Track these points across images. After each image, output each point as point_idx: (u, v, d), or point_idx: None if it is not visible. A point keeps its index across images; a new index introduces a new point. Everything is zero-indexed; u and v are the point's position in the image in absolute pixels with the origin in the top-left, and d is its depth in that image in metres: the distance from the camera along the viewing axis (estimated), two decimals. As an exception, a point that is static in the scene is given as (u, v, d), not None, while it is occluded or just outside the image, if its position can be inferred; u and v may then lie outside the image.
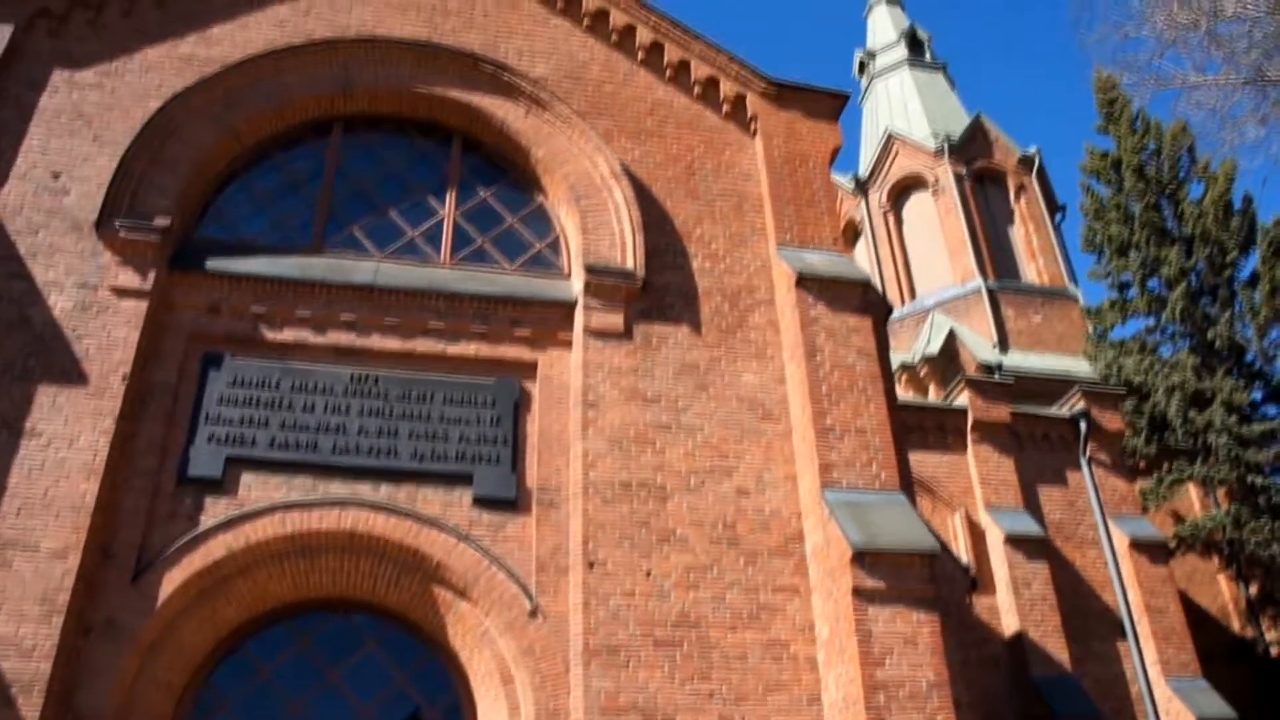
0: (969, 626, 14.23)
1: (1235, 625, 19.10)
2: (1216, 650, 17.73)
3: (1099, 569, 15.55)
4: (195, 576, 7.91)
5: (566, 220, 10.33)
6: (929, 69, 31.53)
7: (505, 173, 10.77)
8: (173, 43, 10.31)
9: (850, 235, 28.24)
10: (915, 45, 32.31)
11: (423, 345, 9.26)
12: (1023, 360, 22.46)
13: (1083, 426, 16.53)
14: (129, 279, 8.77)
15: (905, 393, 21.78)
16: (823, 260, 9.97)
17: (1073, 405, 16.98)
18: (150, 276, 8.82)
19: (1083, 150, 24.18)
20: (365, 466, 8.58)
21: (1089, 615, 15.09)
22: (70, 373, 8.27)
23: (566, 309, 9.62)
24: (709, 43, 11.44)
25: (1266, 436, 19.09)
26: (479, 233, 10.33)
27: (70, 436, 7.99)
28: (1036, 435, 16.67)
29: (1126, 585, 15.28)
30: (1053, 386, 20.07)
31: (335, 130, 10.63)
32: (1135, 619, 14.99)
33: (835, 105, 11.48)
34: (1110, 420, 16.87)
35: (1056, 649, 14.27)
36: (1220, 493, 19.59)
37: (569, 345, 9.47)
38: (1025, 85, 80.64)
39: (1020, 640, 14.24)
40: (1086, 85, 24.24)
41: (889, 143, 27.87)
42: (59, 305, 8.58)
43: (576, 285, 9.75)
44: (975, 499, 15.63)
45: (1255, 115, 8.66)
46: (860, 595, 7.79)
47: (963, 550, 15.27)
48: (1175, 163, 22.72)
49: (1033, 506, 15.78)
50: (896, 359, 21.65)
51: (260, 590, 8.25)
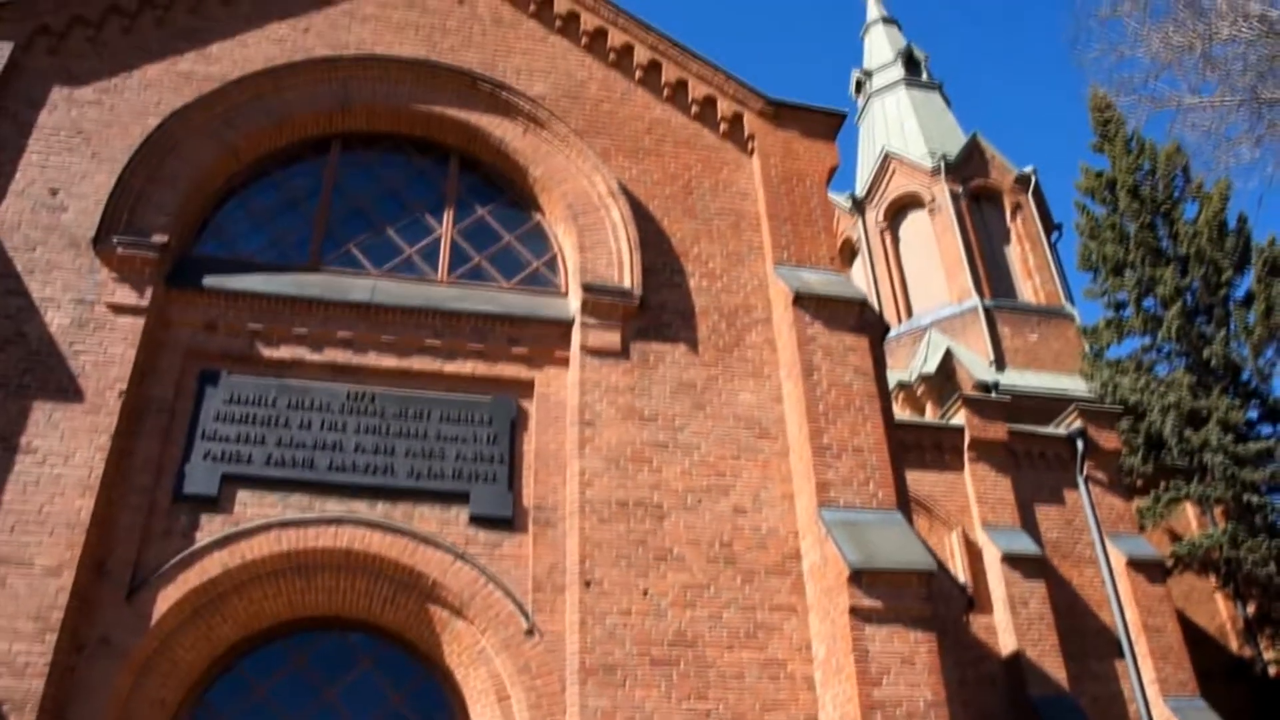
0: (966, 645, 14.20)
1: (1233, 644, 19.05)
2: (1214, 669, 17.68)
3: (1096, 588, 15.53)
4: (190, 594, 7.86)
5: (564, 238, 10.35)
6: (926, 88, 31.68)
7: (503, 191, 10.79)
8: (172, 60, 10.34)
9: (847, 254, 28.31)
10: (912, 65, 32.47)
11: (420, 363, 9.26)
12: (1019, 379, 22.49)
13: (1079, 445, 16.55)
14: (126, 295, 8.76)
15: (902, 411, 21.79)
16: (820, 279, 9.99)
17: (1069, 424, 17.00)
18: (147, 293, 8.81)
19: (1078, 170, 24.24)
20: (362, 484, 8.56)
21: (1086, 634, 15.06)
22: (66, 389, 8.25)
23: (564, 327, 9.62)
24: (707, 62, 11.49)
25: (1262, 455, 19.10)
26: (476, 250, 10.34)
27: (66, 453, 7.97)
28: (1033, 454, 16.68)
29: (1124, 604, 15.26)
30: (1049, 405, 20.09)
31: (333, 148, 10.66)
32: (1133, 638, 14.96)
33: (832, 124, 11.52)
34: (1107, 439, 16.89)
35: (1054, 668, 14.24)
36: (1217, 511, 19.58)
37: (566, 363, 9.47)
38: (1021, 104, 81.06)
39: (1018, 659, 14.20)
40: (1082, 104, 24.36)
41: (886, 162, 27.98)
42: (56, 321, 8.57)
43: (574, 303, 9.76)
44: (972, 517, 15.62)
45: (1250, 137, 8.71)
46: (857, 614, 7.77)
47: (960, 569, 15.24)
48: (1170, 182, 22.83)
49: (1030, 525, 15.77)
50: (893, 377, 21.67)
51: (256, 608, 8.21)
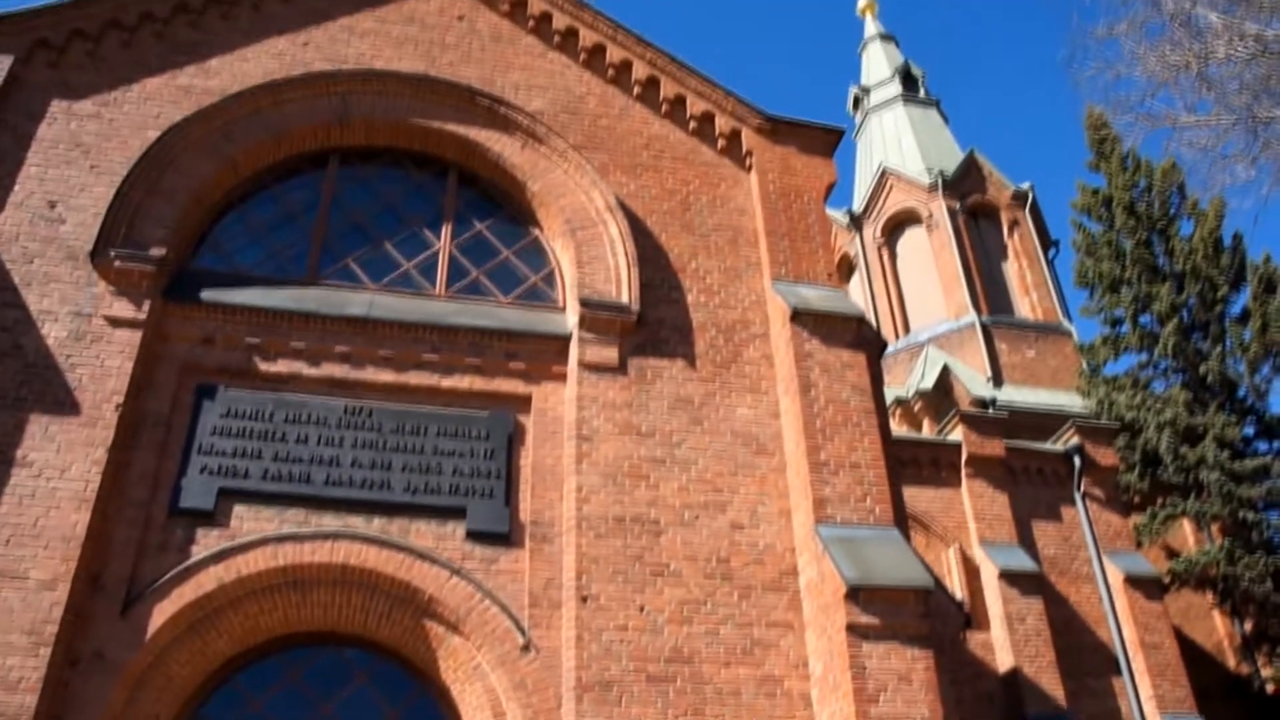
0: (963, 663, 14.18)
1: (1231, 661, 19.03)
2: (1212, 686, 17.66)
3: (1093, 604, 15.52)
4: (186, 608, 7.83)
5: (562, 253, 10.36)
6: (923, 105, 31.81)
7: (501, 206, 10.81)
8: (171, 74, 10.37)
9: (844, 270, 28.37)
10: (909, 81, 32.61)
11: (417, 378, 9.25)
12: (1016, 395, 22.52)
13: (1076, 462, 16.56)
14: (123, 309, 8.76)
15: (899, 427, 21.79)
16: (817, 295, 9.99)
17: (1066, 440, 17.01)
18: (145, 306, 8.81)
19: (1075, 187, 24.34)
20: (358, 499, 8.54)
21: (1084, 651, 15.04)
22: (63, 402, 8.23)
23: (561, 342, 9.62)
24: (705, 78, 11.53)
25: (1259, 472, 19.12)
26: (474, 265, 10.35)
27: (62, 466, 7.95)
28: (1030, 470, 16.69)
29: (1121, 621, 15.25)
30: (1046, 421, 20.12)
31: (332, 162, 10.67)
32: (1130, 655, 14.95)
33: (830, 141, 11.55)
34: (1104, 455, 16.90)
35: (1051, 685, 14.21)
36: (1214, 528, 19.58)
37: (563, 379, 9.46)
38: (1019, 121, 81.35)
39: (1015, 676, 14.17)
40: (1079, 122, 24.48)
41: (883, 178, 28.07)
42: (52, 334, 8.55)
43: (571, 319, 9.75)
44: (969, 534, 15.61)
45: (1246, 156, 8.74)
46: (854, 631, 7.74)
47: (957, 586, 15.23)
48: (1166, 200, 22.94)
49: (1027, 542, 15.77)
50: (890, 393, 21.67)
51: (251, 623, 8.17)
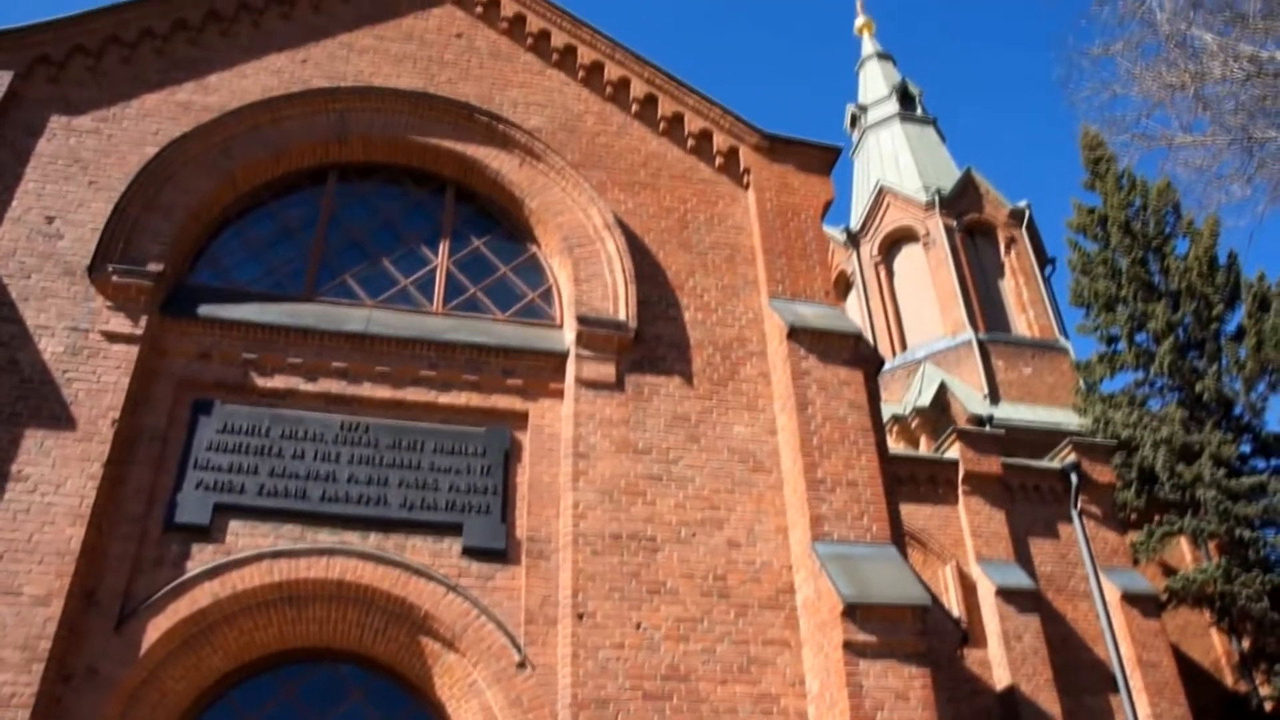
0: (960, 680, 14.14)
1: (1228, 680, 18.98)
2: (1210, 705, 17.61)
3: (1091, 622, 15.50)
4: (180, 624, 7.79)
5: (559, 270, 10.38)
6: (920, 123, 31.94)
7: (499, 223, 10.83)
8: (170, 90, 10.40)
9: (841, 287, 28.42)
10: (907, 100, 32.75)
11: (414, 394, 9.24)
12: (1013, 412, 22.53)
13: (1073, 479, 16.57)
14: (120, 324, 8.76)
15: (896, 444, 21.81)
16: (814, 313, 10.01)
17: (1063, 458, 17.02)
18: (142, 322, 8.81)
19: (1071, 206, 24.45)
20: (354, 515, 8.52)
21: (1081, 668, 15.01)
22: (59, 417, 8.22)
23: (558, 359, 9.62)
24: (703, 96, 11.57)
25: (1255, 490, 19.12)
26: (472, 282, 10.36)
27: (57, 481, 7.93)
28: (1027, 487, 16.69)
29: (1118, 638, 15.22)
30: (1043, 438, 20.13)
31: (330, 178, 10.69)
32: (1127, 672, 14.91)
33: (827, 159, 11.59)
34: (1101, 473, 16.91)
35: (1048, 702, 14.17)
36: (1211, 546, 19.57)
37: (560, 395, 9.46)
38: (1016, 139, 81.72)
39: (1012, 694, 14.13)
40: (1075, 141, 24.60)
41: (880, 196, 28.15)
42: (49, 349, 8.55)
43: (569, 335, 9.76)
44: (967, 551, 15.60)
45: (1241, 175, 8.79)
46: (851, 649, 7.72)
47: (954, 603, 15.21)
48: (1161, 219, 23.03)
49: (1024, 559, 15.75)
50: (887, 410, 21.67)
51: (246, 639, 8.14)
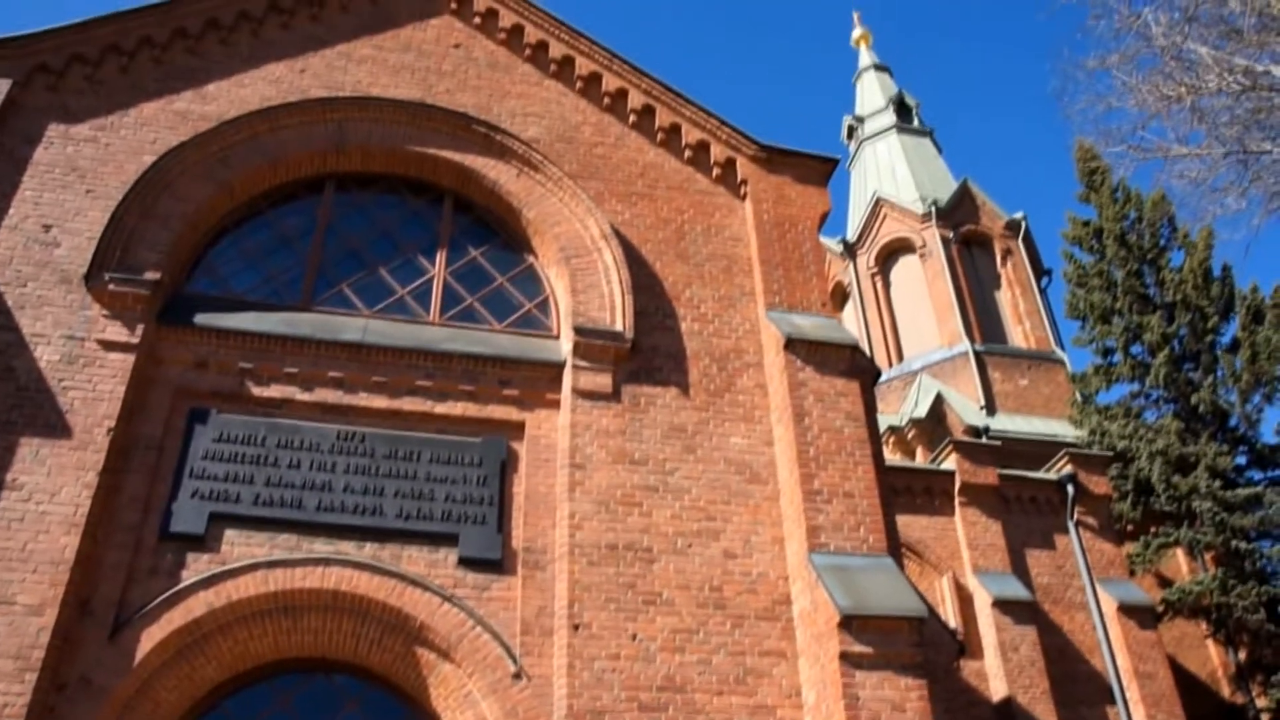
0: (957, 691, 14.11)
1: (1225, 691, 18.97)
2: (1206, 716, 17.60)
3: (1087, 633, 15.49)
4: (175, 634, 7.77)
5: (556, 281, 10.38)
6: (917, 134, 32.01)
7: (496, 233, 10.83)
8: (168, 99, 10.41)
9: (838, 298, 28.45)
10: (903, 111, 32.84)
11: (410, 403, 9.24)
12: (1010, 423, 22.55)
13: (1070, 490, 16.58)
14: (117, 332, 8.75)
15: (892, 455, 21.80)
16: (811, 323, 10.01)
17: (1060, 469, 17.03)
18: (138, 330, 8.80)
19: (1066, 218, 24.52)
20: (350, 525, 8.50)
21: (1077, 680, 15.00)
22: (54, 425, 8.20)
23: (555, 369, 9.62)
24: (700, 107, 11.60)
25: (1251, 501, 19.14)
26: (469, 292, 10.36)
27: (52, 490, 7.90)
28: (1024, 498, 16.70)
29: (1115, 650, 15.21)
30: (1040, 450, 20.14)
31: (327, 188, 10.69)
32: (1124, 684, 14.90)
33: (824, 170, 11.60)
34: (1097, 484, 16.92)
35: (1045, 714, 14.15)
36: (1207, 557, 19.58)
37: (557, 405, 9.45)
38: (1012, 151, 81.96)
39: (1009, 705, 14.12)
40: (1070, 152, 24.66)
41: (877, 206, 28.20)
42: (45, 357, 8.54)
43: (565, 346, 9.76)
44: (963, 562, 15.59)
45: (1237, 188, 8.81)
46: (847, 660, 7.70)
47: (950, 614, 15.19)
48: (1156, 231, 23.10)
49: (1020, 570, 15.75)
50: (884, 421, 21.70)
51: (241, 649, 8.12)
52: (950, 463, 16.39)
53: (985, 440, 19.13)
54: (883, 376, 23.11)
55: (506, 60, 11.75)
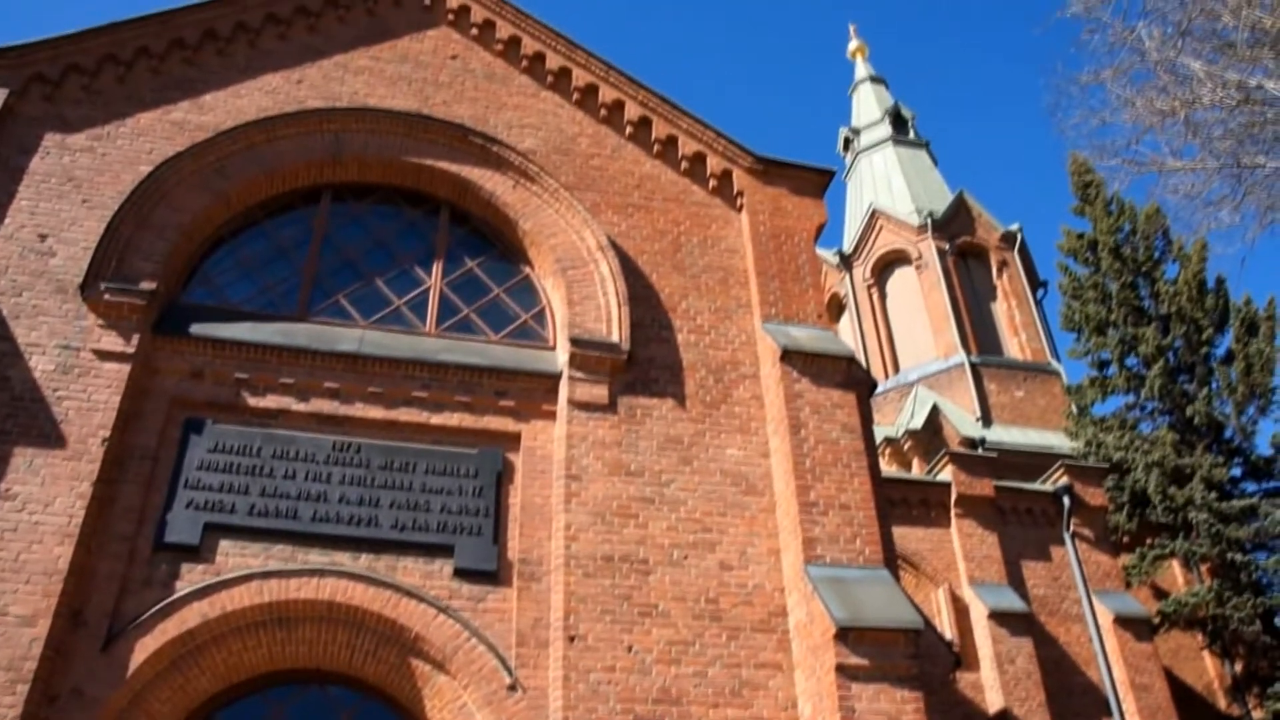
0: (953, 703, 14.08)
1: (1221, 703, 18.93)
2: (1203, 729, 17.56)
3: (1083, 645, 15.48)
4: (168, 645, 7.73)
5: (553, 292, 10.38)
6: (913, 146, 32.09)
7: (492, 244, 10.84)
8: (165, 109, 10.42)
9: (834, 309, 28.48)
10: (899, 123, 32.92)
11: (406, 414, 9.22)
12: (1005, 435, 22.57)
13: (1066, 502, 16.59)
14: (112, 342, 8.74)
15: (888, 467, 21.81)
16: (807, 335, 10.02)
17: (1056, 480, 17.04)
18: (134, 340, 8.79)
19: (1061, 231, 24.59)
20: (345, 535, 8.48)
21: (1073, 692, 14.98)
22: (49, 435, 8.18)
23: (551, 380, 9.61)
24: (697, 119, 11.62)
25: (1246, 513, 19.15)
26: (465, 303, 10.36)
27: (46, 500, 7.88)
28: (1020, 510, 16.70)
29: (1111, 661, 15.20)
30: (1036, 461, 20.16)
31: (324, 198, 10.70)
32: (1120, 696, 14.89)
33: (821, 182, 11.63)
34: (1093, 495, 16.93)
35: (1041, 727, 14.11)
36: (1203, 569, 19.58)
37: (553, 417, 9.45)
38: (1008, 162, 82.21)
39: (1005, 717, 14.10)
40: (1065, 165, 24.76)
41: (873, 218, 28.25)
42: (40, 367, 8.52)
43: (561, 357, 9.76)
44: (959, 574, 15.58)
45: (1231, 201, 8.84)
46: (843, 672, 7.69)
47: (946, 626, 15.17)
48: (1150, 243, 23.18)
49: (1016, 582, 15.74)
50: (880, 433, 21.70)
51: (235, 660, 8.08)
52: (946, 474, 16.40)
53: (981, 452, 19.14)
54: (879, 388, 23.13)
55: (503, 72, 11.77)
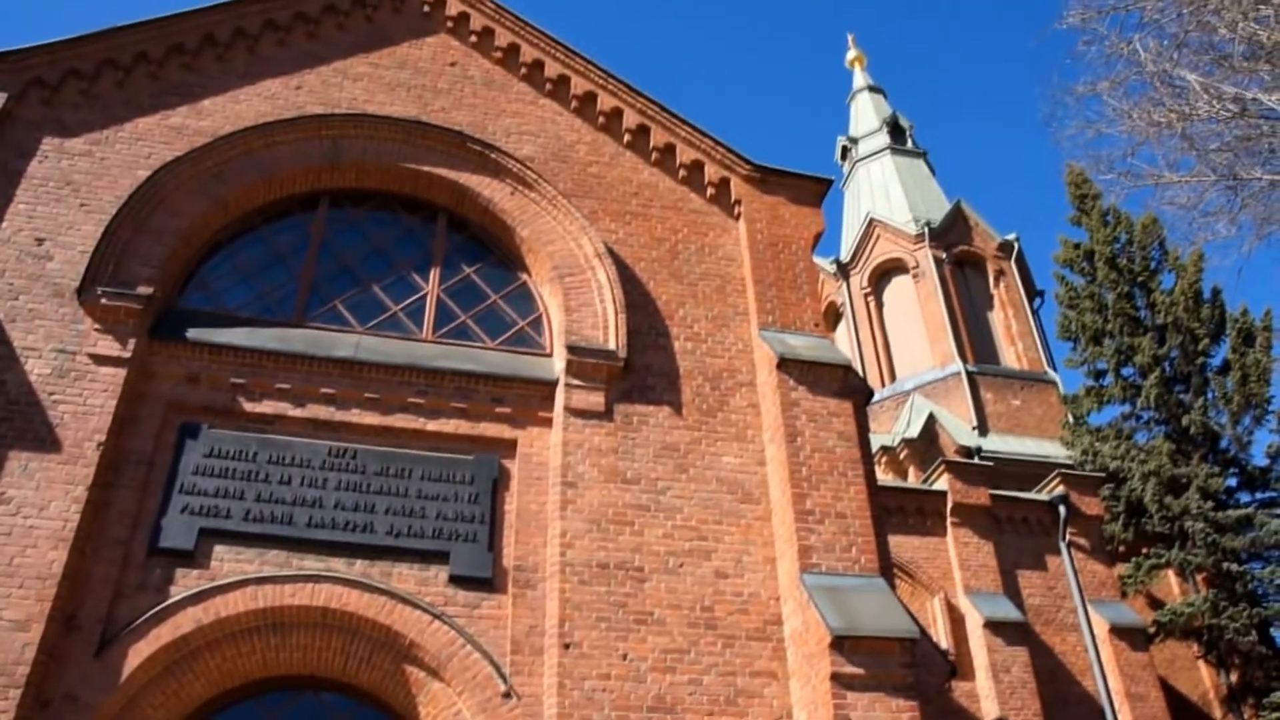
0: (948, 712, 14.07)
1: (1216, 713, 18.94)
2: (1197, 740, 17.55)
3: (1079, 654, 15.47)
4: (162, 650, 7.72)
5: (550, 299, 10.39)
6: (910, 155, 32.16)
7: (490, 250, 10.84)
8: (164, 113, 10.42)
9: (831, 318, 28.51)
10: (897, 132, 33.00)
11: (402, 420, 9.22)
12: (1002, 444, 22.59)
13: (1062, 511, 16.59)
14: (109, 346, 8.73)
15: (885, 475, 21.82)
16: (804, 343, 10.03)
17: (1052, 489, 17.05)
18: (130, 344, 8.78)
19: (1058, 240, 24.65)
20: (340, 541, 8.47)
21: (1069, 701, 14.97)
22: (44, 439, 8.17)
23: (548, 387, 9.61)
24: (695, 127, 11.63)
25: (1242, 522, 19.17)
26: (462, 309, 10.35)
27: (41, 503, 7.86)
28: (1015, 519, 16.70)
29: (1107, 671, 15.19)
30: (1032, 470, 20.18)
31: (322, 204, 10.70)
32: (1116, 706, 14.88)
33: (818, 190, 11.64)
34: (1089, 505, 16.94)
35: (1036, 737, 14.10)
36: (1199, 579, 19.59)
37: (549, 424, 9.44)
38: (1005, 172, 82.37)
39: (1000, 728, 14.06)
40: (1062, 176, 24.84)
41: (870, 227, 28.30)
42: (36, 371, 8.50)
43: (558, 364, 9.76)
44: (955, 583, 15.58)
45: (1228, 213, 8.85)
46: (839, 681, 7.67)
47: (942, 635, 15.16)
48: (1146, 254, 23.23)
49: (1012, 591, 15.74)
50: (876, 441, 21.72)
51: (229, 666, 8.06)
52: (942, 483, 16.40)
53: (977, 461, 19.15)
54: (875, 397, 23.12)
55: (502, 79, 11.79)
